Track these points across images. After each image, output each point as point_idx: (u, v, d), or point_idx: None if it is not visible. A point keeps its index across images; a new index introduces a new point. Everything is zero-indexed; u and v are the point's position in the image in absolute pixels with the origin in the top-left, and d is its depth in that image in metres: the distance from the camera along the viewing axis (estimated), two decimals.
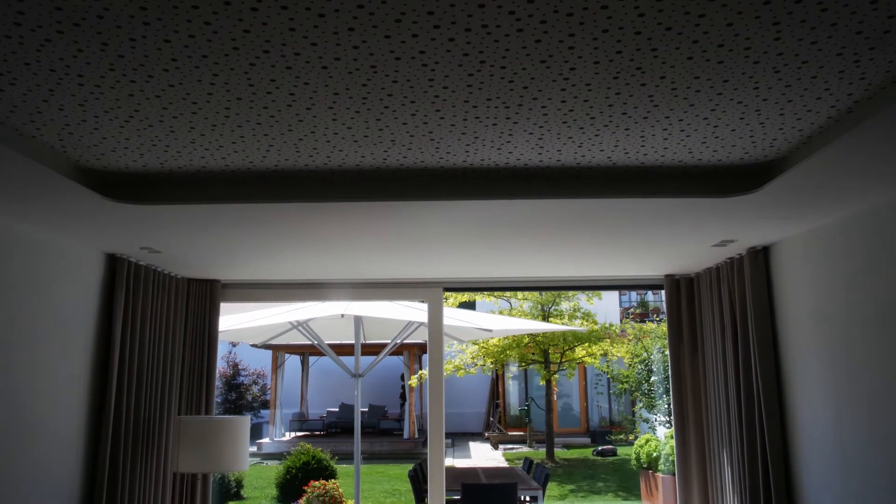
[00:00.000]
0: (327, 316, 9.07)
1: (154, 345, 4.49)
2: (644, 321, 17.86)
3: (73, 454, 3.90)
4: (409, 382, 18.07)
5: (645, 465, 7.22)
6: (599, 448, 17.99)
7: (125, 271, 4.22)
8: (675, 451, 5.03)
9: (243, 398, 22.01)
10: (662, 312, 21.13)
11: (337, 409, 20.99)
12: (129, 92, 2.13)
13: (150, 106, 2.24)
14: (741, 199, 3.06)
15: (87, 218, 3.34)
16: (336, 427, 20.36)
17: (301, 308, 9.08)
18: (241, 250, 4.15)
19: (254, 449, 18.24)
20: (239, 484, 11.87)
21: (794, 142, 2.61)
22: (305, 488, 10.56)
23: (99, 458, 4.00)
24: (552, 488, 12.59)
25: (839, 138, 2.39)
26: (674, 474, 5.35)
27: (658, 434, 8.78)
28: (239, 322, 8.91)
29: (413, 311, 8.87)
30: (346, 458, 13.01)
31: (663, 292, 5.20)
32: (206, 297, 5.05)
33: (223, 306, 5.28)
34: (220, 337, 5.34)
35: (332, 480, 10.92)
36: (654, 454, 7.09)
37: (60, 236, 3.73)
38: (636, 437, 9.56)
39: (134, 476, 4.23)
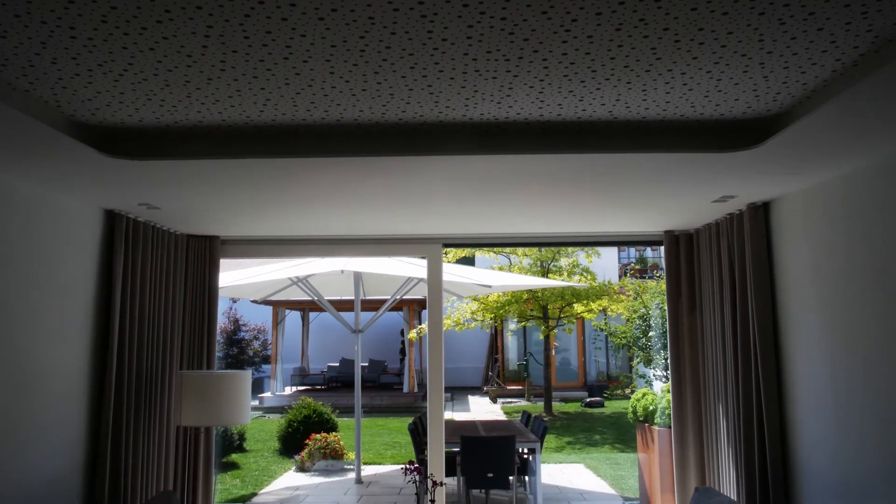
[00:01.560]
0: (327, 272, 9.10)
1: (154, 301, 4.51)
2: (643, 277, 17.93)
3: (77, 409, 3.95)
4: (409, 337, 18.22)
5: (641, 419, 7.32)
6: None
7: (124, 227, 4.21)
8: (671, 405, 5.10)
9: (244, 353, 22.23)
10: (661, 269, 21.19)
11: (337, 364, 21.21)
12: (122, 45, 2.09)
13: (144, 59, 2.21)
14: (743, 154, 3.03)
15: (85, 174, 3.32)
16: (336, 381, 20.61)
17: (301, 264, 9.10)
18: (239, 206, 4.13)
19: (255, 403, 18.49)
20: (241, 437, 12.06)
21: (797, 96, 2.58)
22: (307, 441, 10.75)
23: (102, 413, 4.05)
24: (550, 441, 12.81)
25: (843, 92, 2.35)
26: (670, 427, 5.42)
27: (655, 388, 8.89)
28: (239, 278, 8.94)
29: (412, 267, 8.90)
30: (347, 411, 13.20)
31: (662, 248, 5.20)
32: (205, 253, 5.06)
33: (223, 262, 5.29)
34: (221, 293, 5.36)
35: (333, 433, 11.11)
36: (651, 408, 7.18)
37: (58, 193, 3.72)
38: (633, 392, 9.68)
39: (138, 429, 4.29)
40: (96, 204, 4.08)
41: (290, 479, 10.01)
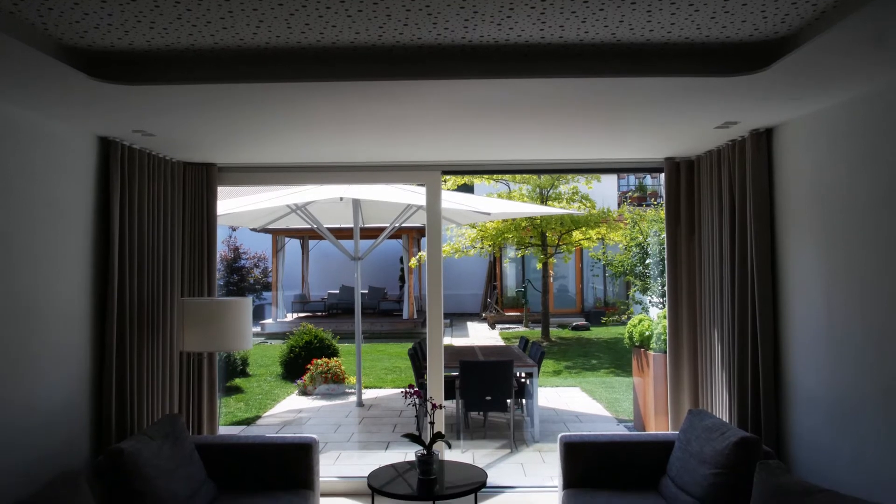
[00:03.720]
0: (325, 199, 9.06)
1: (153, 228, 4.50)
2: (642, 205, 17.90)
3: (81, 336, 4.00)
4: (408, 265, 18.33)
5: (637, 344, 7.43)
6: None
7: (119, 155, 4.16)
8: (667, 331, 5.17)
9: (245, 281, 22.39)
10: (660, 196, 21.12)
11: (337, 291, 21.41)
12: None
13: None
14: (748, 78, 2.97)
15: (76, 100, 3.25)
16: (337, 308, 20.85)
17: (299, 192, 9.05)
18: (235, 133, 4.07)
19: (257, 329, 18.75)
20: (244, 362, 12.27)
21: (806, 17, 2.50)
22: (309, 366, 10.95)
23: (106, 339, 4.10)
24: (547, 365, 13.06)
25: (854, 13, 2.28)
26: (665, 352, 5.51)
27: (651, 315, 8.99)
28: (237, 206, 8.90)
29: (411, 195, 8.86)
30: (348, 337, 13.40)
31: (662, 175, 5.17)
32: (202, 181, 5.02)
33: (221, 190, 5.25)
34: (220, 221, 5.35)
35: (335, 358, 11.31)
36: (647, 334, 7.28)
37: (51, 120, 3.65)
38: (629, 318, 9.80)
39: (141, 355, 4.36)
40: (90, 131, 4.02)
41: (293, 402, 10.25)
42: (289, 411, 9.68)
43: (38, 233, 3.61)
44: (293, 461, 4.25)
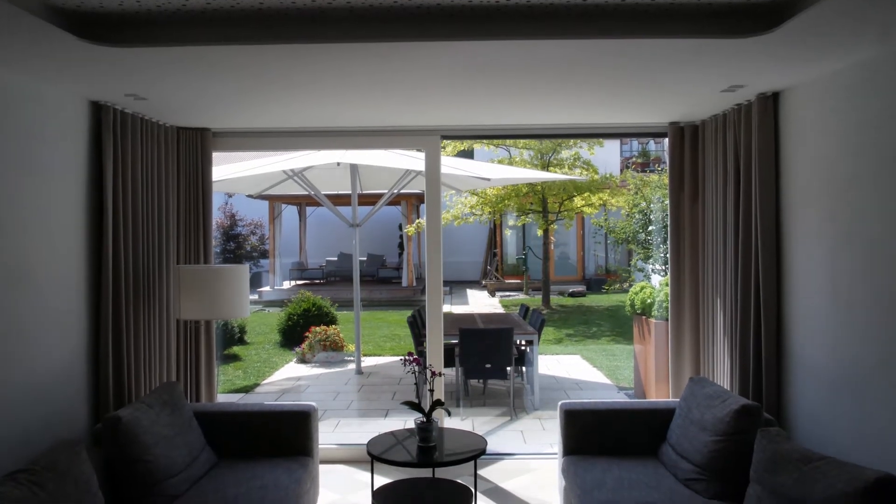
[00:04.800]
0: (323, 164, 9.02)
1: (147, 194, 4.48)
2: (645, 171, 17.82)
3: (76, 302, 4.00)
4: (407, 231, 18.33)
5: (639, 311, 7.46)
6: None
7: (111, 119, 4.12)
8: (669, 298, 5.19)
9: (242, 248, 22.40)
10: (664, 162, 21.02)
11: (336, 259, 21.43)
12: None
13: None
14: (756, 39, 2.93)
15: (65, 62, 3.21)
16: (335, 276, 20.89)
17: (296, 157, 9.00)
18: (229, 97, 4.03)
19: (255, 297, 18.80)
20: (242, 330, 12.33)
21: None
22: (307, 334, 11.01)
23: (101, 306, 4.11)
24: (548, 333, 13.13)
25: None
26: (667, 320, 5.53)
27: (653, 282, 9.02)
28: (233, 171, 8.87)
29: (410, 160, 8.81)
30: (346, 305, 13.45)
31: (666, 140, 5.13)
32: (197, 146, 4.99)
33: (216, 156, 5.22)
34: (215, 187, 5.32)
35: (333, 326, 11.37)
36: (649, 301, 7.30)
37: (40, 83, 3.61)
38: (631, 285, 9.83)
39: (138, 323, 4.37)
40: (81, 95, 3.98)
41: (292, 370, 10.33)
42: (287, 379, 9.76)
43: (29, 198, 3.59)
44: (292, 429, 4.29)
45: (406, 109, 4.49)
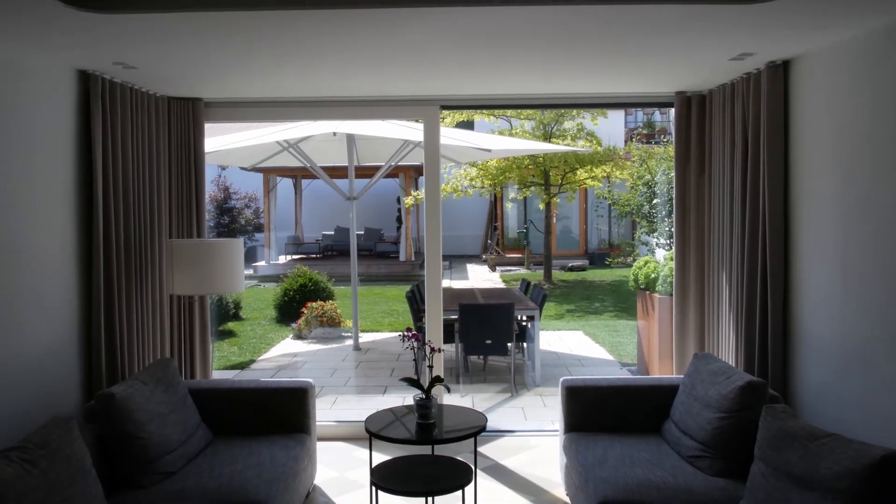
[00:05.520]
0: (319, 135, 8.97)
1: (138, 167, 4.46)
2: (650, 142, 17.73)
3: (66, 278, 4.00)
4: (406, 205, 18.29)
5: (642, 286, 7.47)
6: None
7: (100, 89, 4.09)
8: (673, 272, 5.19)
9: (236, 222, 22.35)
10: (669, 133, 20.91)
11: (332, 233, 21.41)
12: None
13: None
14: (768, 5, 2.89)
15: (50, 29, 3.16)
16: (332, 250, 20.89)
17: (291, 128, 8.95)
18: (222, 65, 3.99)
19: (250, 272, 18.81)
20: (237, 306, 12.36)
21: None
22: (303, 309, 11.04)
23: (93, 281, 4.11)
24: (549, 308, 13.16)
25: None
26: (671, 295, 5.54)
27: (657, 256, 9.02)
28: (226, 143, 8.82)
29: (409, 131, 8.77)
30: (343, 280, 13.45)
31: (672, 111, 5.10)
32: (188, 117, 4.95)
33: (209, 127, 5.19)
34: (208, 160, 5.30)
35: (330, 301, 11.39)
36: (653, 275, 7.31)
37: (25, 51, 3.56)
38: (634, 260, 9.83)
39: (130, 298, 4.37)
40: (68, 64, 3.94)
41: (288, 346, 10.37)
42: (284, 355, 9.80)
43: (16, 171, 3.57)
44: (289, 405, 4.31)
45: (404, 78, 4.45)
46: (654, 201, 10.54)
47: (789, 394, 4.13)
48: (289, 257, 20.72)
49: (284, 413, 4.30)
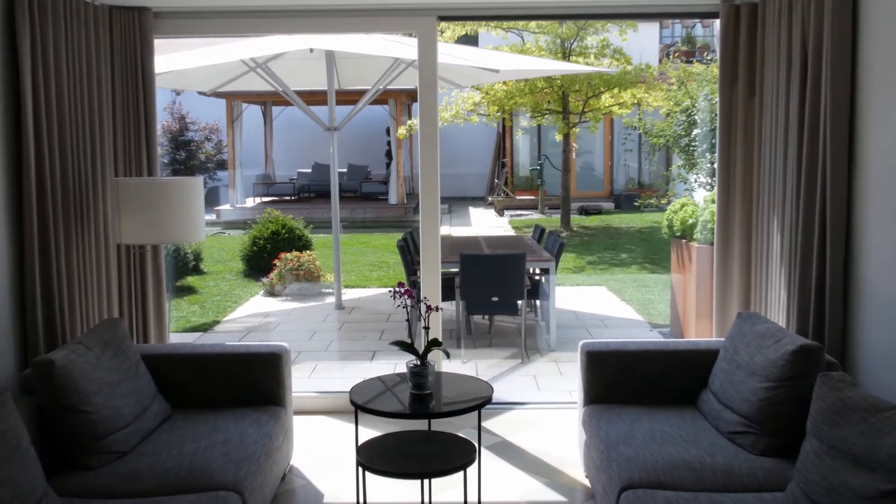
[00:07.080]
0: (293, 52, 8.88)
1: (75, 92, 4.41)
2: (690, 61, 17.55)
3: None
4: (397, 136, 18.19)
5: (678, 234, 7.48)
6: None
7: None
8: (715, 217, 5.18)
9: (195, 158, 22.29)
10: (713, 50, 20.70)
11: (309, 171, 21.37)
12: None
13: None
14: None
15: None
16: (309, 191, 20.89)
17: (259, 44, 8.84)
18: None
19: (212, 217, 18.83)
20: (197, 257, 12.39)
21: None
22: (276, 261, 11.07)
23: (25, 230, 4.09)
24: (567, 260, 13.21)
25: None
26: (712, 244, 5.55)
27: (696, 198, 9.01)
28: (181, 62, 8.71)
29: (400, 46, 8.66)
30: (323, 226, 13.46)
31: (717, 23, 5.03)
32: (133, 30, 4.87)
33: (159, 43, 5.11)
34: (159, 82, 5.23)
35: (307, 252, 11.43)
36: (691, 221, 7.30)
37: None
38: (669, 202, 9.83)
39: (70, 248, 4.37)
40: None
41: (258, 304, 10.44)
42: (253, 315, 9.88)
43: None
44: (260, 374, 4.35)
45: None
46: (694, 132, 10.48)
47: (849, 359, 4.16)
48: (258, 200, 20.73)
49: (255, 383, 4.34)
